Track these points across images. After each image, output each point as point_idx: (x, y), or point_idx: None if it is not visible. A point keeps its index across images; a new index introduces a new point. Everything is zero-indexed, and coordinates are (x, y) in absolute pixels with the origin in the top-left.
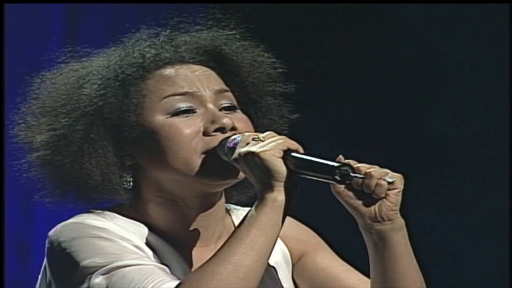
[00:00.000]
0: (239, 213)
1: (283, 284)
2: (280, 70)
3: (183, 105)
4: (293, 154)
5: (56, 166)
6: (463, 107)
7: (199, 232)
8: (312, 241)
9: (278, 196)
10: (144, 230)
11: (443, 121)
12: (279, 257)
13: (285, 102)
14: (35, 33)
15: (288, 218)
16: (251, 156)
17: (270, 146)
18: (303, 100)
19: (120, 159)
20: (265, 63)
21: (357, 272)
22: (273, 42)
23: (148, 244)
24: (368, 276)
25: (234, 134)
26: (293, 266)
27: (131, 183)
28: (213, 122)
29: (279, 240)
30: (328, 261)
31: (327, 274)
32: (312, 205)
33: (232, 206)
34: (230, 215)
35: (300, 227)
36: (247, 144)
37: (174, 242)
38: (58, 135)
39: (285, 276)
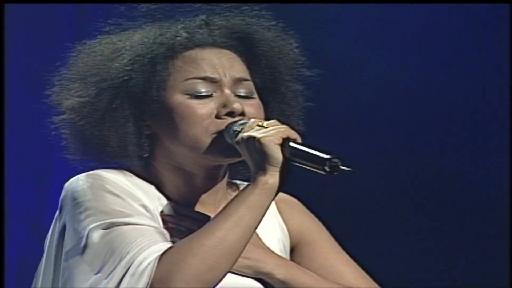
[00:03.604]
0: (241, 187)
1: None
2: (301, 62)
3: (202, 89)
4: (290, 143)
5: (77, 130)
6: (462, 107)
7: (200, 196)
8: (314, 229)
9: (270, 179)
10: (152, 189)
11: (441, 122)
12: (279, 234)
13: (302, 90)
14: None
15: (298, 203)
16: (252, 140)
17: (271, 133)
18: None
19: (139, 128)
20: (291, 53)
21: (352, 265)
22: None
23: (154, 202)
24: (365, 269)
25: (242, 119)
26: (290, 249)
27: (147, 152)
28: (224, 106)
29: (280, 219)
30: (326, 252)
31: (322, 266)
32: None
33: (239, 182)
34: (234, 187)
35: (306, 214)
36: (251, 129)
37: (177, 203)
38: (84, 102)
39: (284, 253)
